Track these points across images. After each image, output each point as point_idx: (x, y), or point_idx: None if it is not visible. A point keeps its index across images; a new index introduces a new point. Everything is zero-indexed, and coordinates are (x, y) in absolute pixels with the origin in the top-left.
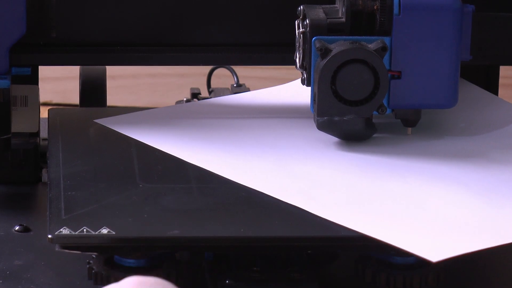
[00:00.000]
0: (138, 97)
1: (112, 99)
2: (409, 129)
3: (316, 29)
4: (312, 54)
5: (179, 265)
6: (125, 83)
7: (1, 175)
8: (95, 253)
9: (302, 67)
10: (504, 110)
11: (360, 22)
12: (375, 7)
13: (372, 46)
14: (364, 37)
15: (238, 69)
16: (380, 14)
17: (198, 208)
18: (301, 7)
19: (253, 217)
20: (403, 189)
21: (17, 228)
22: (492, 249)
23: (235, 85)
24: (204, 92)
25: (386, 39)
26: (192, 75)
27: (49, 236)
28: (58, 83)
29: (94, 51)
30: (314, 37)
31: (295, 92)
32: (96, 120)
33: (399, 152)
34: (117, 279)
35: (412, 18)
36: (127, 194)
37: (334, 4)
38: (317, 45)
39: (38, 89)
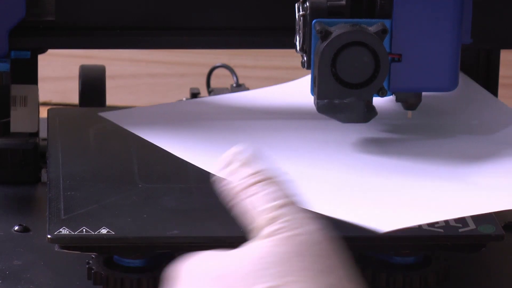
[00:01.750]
0: (137, 97)
1: (112, 99)
2: (409, 112)
3: (316, 11)
4: (312, 37)
5: None
6: (124, 83)
7: (0, 175)
8: (94, 253)
9: (302, 50)
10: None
11: (361, 5)
12: None
13: (372, 28)
14: (364, 19)
15: (238, 69)
16: None
17: (198, 208)
18: None
19: None
20: (383, 180)
21: (16, 228)
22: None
23: (234, 85)
24: (204, 92)
25: (387, 22)
26: (192, 75)
27: (49, 236)
28: (58, 83)
29: (94, 34)
30: (314, 20)
31: (298, 91)
32: (100, 113)
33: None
34: (116, 279)
35: (412, 1)
36: (126, 194)
37: None
38: (317, 27)
39: (37, 89)
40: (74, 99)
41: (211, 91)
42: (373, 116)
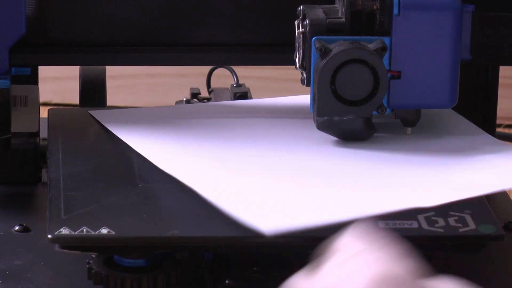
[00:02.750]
0: (137, 97)
1: (112, 99)
2: (409, 129)
3: (316, 29)
4: (312, 54)
5: (179, 265)
6: (125, 83)
7: (1, 175)
8: (94, 253)
9: (302, 67)
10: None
11: (360, 22)
12: (374, 7)
13: (371, 46)
14: (363, 37)
15: (238, 69)
16: (379, 14)
17: (198, 208)
18: (301, 7)
19: None
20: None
21: (17, 228)
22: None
23: (235, 85)
24: (204, 92)
25: (386, 39)
26: (192, 75)
27: (49, 236)
28: (58, 83)
29: (94, 51)
30: (314, 37)
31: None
32: (90, 111)
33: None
34: (116, 279)
35: (411, 18)
36: (127, 194)
37: (334, 4)
38: (317, 45)
39: (38, 89)
40: (75, 99)
41: (211, 91)
42: (372, 133)
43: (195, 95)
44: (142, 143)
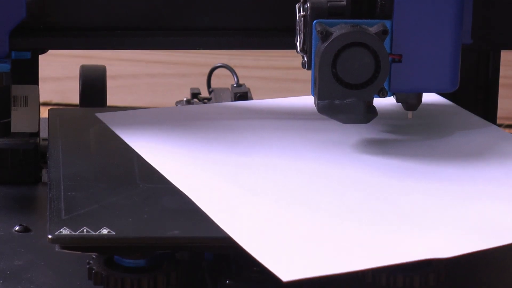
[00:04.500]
0: (138, 97)
1: (112, 99)
2: (410, 113)
3: (317, 12)
4: (312, 37)
5: (179, 265)
6: (125, 83)
7: (1, 175)
8: (95, 254)
9: (303, 50)
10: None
11: (361, 6)
12: None
13: (373, 29)
14: (365, 20)
15: (238, 69)
16: None
17: (198, 208)
18: None
19: None
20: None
21: (17, 228)
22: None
23: (235, 85)
24: (204, 92)
25: (387, 23)
26: (192, 75)
27: (49, 236)
28: (58, 83)
29: (94, 35)
30: (315, 21)
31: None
32: (96, 114)
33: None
34: (117, 279)
35: (413, 2)
36: (127, 195)
37: None
38: (318, 28)
39: (38, 89)
40: (75, 99)
41: (211, 91)
42: (373, 116)
43: (195, 95)
44: (152, 151)
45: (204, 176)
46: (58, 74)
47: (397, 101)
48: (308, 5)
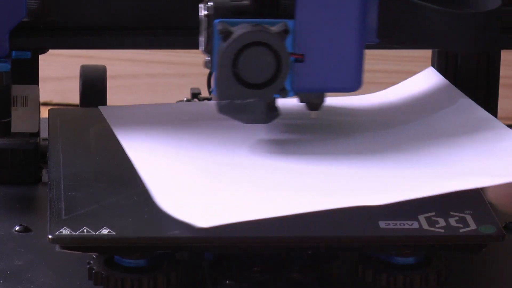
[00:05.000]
0: (138, 97)
1: (112, 99)
2: (313, 112)
3: (220, 11)
4: (214, 37)
5: (179, 265)
6: (125, 83)
7: (1, 175)
8: (95, 254)
9: (207, 50)
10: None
11: (265, 5)
12: None
13: (275, 28)
14: (267, 20)
15: None
16: None
17: None
18: None
19: None
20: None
21: (17, 228)
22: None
23: None
24: (205, 92)
25: (290, 22)
26: (193, 75)
27: (50, 236)
28: (58, 83)
29: (94, 34)
30: (217, 20)
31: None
32: (99, 107)
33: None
34: (117, 279)
35: (315, 1)
36: (127, 195)
37: None
38: (219, 27)
39: (38, 89)
40: (75, 99)
41: (212, 91)
42: (275, 116)
43: (195, 95)
44: (134, 145)
45: (164, 162)
46: (58, 74)
47: (300, 101)
48: (211, 4)
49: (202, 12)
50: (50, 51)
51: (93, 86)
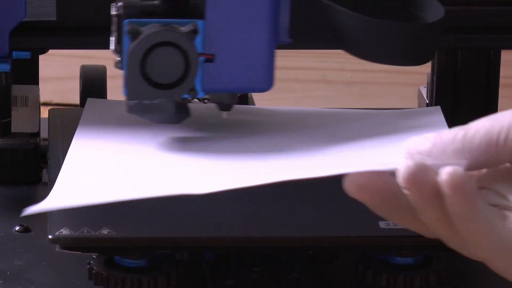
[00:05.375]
0: None
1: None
2: (224, 113)
3: (129, 11)
4: (124, 37)
5: (179, 265)
6: None
7: (1, 175)
8: (95, 254)
9: (117, 50)
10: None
11: (175, 5)
12: None
13: (184, 29)
14: (177, 20)
15: None
16: None
17: (198, 208)
18: None
19: (253, 217)
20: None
21: (17, 228)
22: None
23: None
24: None
25: (200, 22)
26: None
27: (50, 236)
28: (58, 83)
29: (94, 34)
30: (126, 20)
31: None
32: (88, 99)
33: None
34: (117, 279)
35: (225, 1)
36: None
37: None
38: (128, 27)
39: (38, 89)
40: (75, 99)
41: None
42: (186, 117)
43: None
44: (83, 139)
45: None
46: (58, 74)
47: (211, 101)
48: (121, 4)
49: (113, 12)
50: (50, 51)
51: (93, 86)
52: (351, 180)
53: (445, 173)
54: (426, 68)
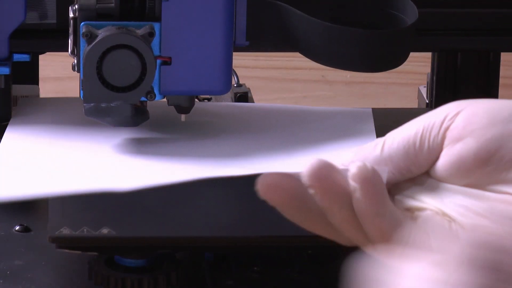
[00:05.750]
0: None
1: None
2: (183, 115)
3: (85, 14)
4: (80, 40)
5: (179, 265)
6: None
7: None
8: (95, 253)
9: (73, 53)
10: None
11: (131, 7)
12: None
13: (140, 31)
14: (133, 22)
15: (239, 69)
16: None
17: (198, 208)
18: None
19: (253, 216)
20: None
21: (17, 228)
22: None
23: (235, 85)
24: None
25: (156, 25)
26: None
27: (49, 236)
28: (58, 83)
29: None
30: (82, 23)
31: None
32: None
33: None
34: (117, 279)
35: (181, 3)
36: (127, 194)
37: None
38: (84, 30)
39: (38, 89)
40: None
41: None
42: (144, 119)
43: None
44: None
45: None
46: (58, 74)
47: (169, 104)
48: (76, 6)
49: (70, 14)
50: None
51: None
52: (262, 180)
53: (354, 167)
54: (426, 68)
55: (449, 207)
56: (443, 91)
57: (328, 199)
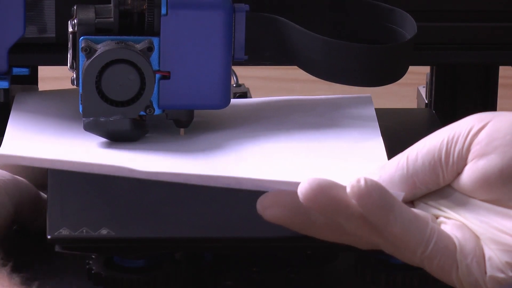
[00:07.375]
0: None
1: None
2: (182, 130)
3: (84, 29)
4: (79, 54)
5: (179, 265)
6: None
7: None
8: (94, 254)
9: (72, 67)
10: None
11: (130, 22)
12: (144, 7)
13: (139, 46)
14: (132, 37)
15: (238, 69)
16: (147, 13)
17: (198, 208)
18: (75, 7)
19: (253, 217)
20: None
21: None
22: None
23: (234, 85)
24: None
25: (155, 39)
26: None
27: (49, 236)
28: (58, 83)
29: None
30: (82, 37)
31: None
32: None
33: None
34: (116, 280)
35: (180, 18)
36: (127, 194)
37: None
38: (83, 45)
39: (38, 89)
40: None
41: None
42: (143, 134)
43: None
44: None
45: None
46: (58, 74)
47: (168, 118)
48: (76, 21)
49: (69, 29)
50: None
51: None
52: (261, 203)
53: (348, 186)
54: (426, 68)
55: (472, 222)
56: (442, 91)
57: (331, 215)
